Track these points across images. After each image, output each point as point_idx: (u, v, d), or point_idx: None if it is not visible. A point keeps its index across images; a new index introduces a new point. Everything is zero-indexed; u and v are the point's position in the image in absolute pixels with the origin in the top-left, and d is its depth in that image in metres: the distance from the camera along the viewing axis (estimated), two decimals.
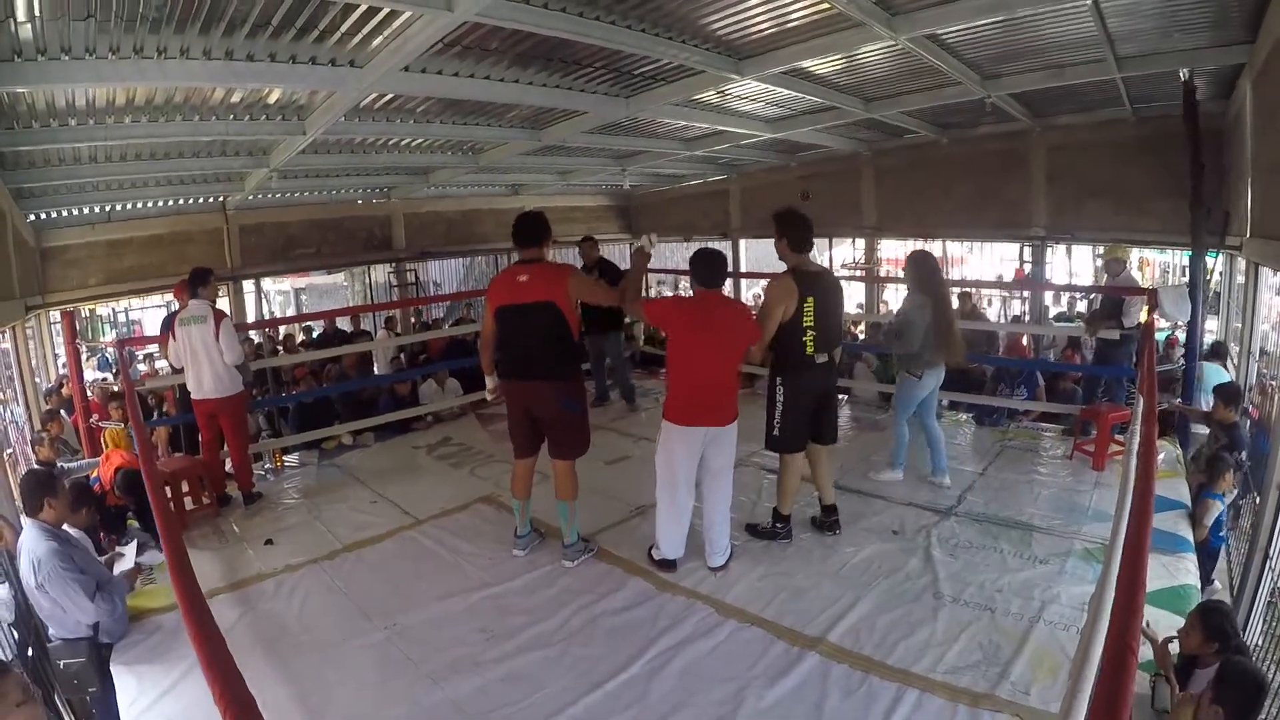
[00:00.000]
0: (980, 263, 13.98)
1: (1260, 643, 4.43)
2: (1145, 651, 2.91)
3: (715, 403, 3.95)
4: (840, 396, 7.59)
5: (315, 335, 11.58)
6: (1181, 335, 7.51)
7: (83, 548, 3.69)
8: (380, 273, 14.36)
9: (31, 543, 3.47)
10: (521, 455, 4.37)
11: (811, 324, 4.21)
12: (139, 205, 9.81)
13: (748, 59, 6.08)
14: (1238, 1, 5.21)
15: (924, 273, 5.13)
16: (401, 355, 10.14)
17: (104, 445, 6.17)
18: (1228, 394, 5.43)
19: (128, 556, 4.09)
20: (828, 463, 4.66)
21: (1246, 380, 6.78)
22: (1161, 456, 5.30)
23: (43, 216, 9.23)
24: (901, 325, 5.12)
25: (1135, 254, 13.58)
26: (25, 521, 3.73)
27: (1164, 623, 3.32)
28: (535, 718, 2.97)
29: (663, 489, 4.06)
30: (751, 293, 14.84)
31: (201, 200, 10.34)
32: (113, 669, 3.52)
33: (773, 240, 4.40)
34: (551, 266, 4.22)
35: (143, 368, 10.13)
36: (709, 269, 4.03)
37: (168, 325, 5.83)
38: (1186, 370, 6.23)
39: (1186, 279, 7.70)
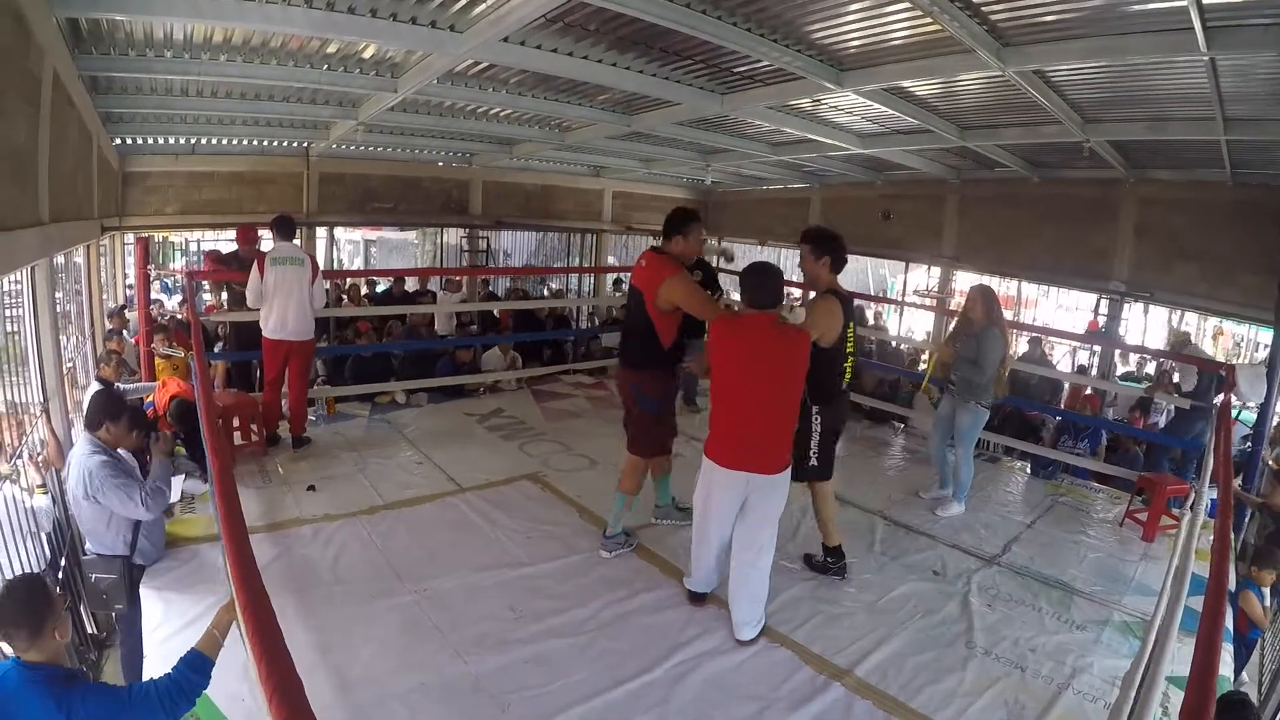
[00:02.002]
0: (1050, 308, 13.65)
1: None
2: None
3: (763, 445, 3.44)
4: (898, 424, 7.54)
5: (380, 290, 11.71)
6: (1249, 416, 7.24)
7: (130, 467, 3.79)
8: (452, 235, 14.44)
9: (84, 456, 3.57)
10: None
11: (851, 351, 4.15)
12: (224, 142, 10.01)
13: (849, 70, 5.98)
14: None
15: (995, 306, 5.18)
16: (466, 320, 10.15)
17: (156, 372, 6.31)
18: None
19: (175, 488, 4.18)
20: (833, 500, 4.44)
21: None
22: (1212, 538, 5.13)
23: (129, 142, 9.45)
24: (981, 355, 5.06)
25: (1211, 323, 13.22)
26: (80, 436, 3.84)
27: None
28: (553, 705, 2.97)
29: (697, 527, 3.70)
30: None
31: (286, 144, 10.51)
32: (142, 591, 3.61)
33: (802, 258, 4.30)
34: (658, 260, 4.10)
35: (208, 298, 10.33)
36: (763, 288, 3.45)
37: (236, 262, 5.90)
38: (1252, 453, 6.02)
39: (1264, 358, 7.44)
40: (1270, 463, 6.53)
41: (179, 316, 9.62)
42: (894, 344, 11.02)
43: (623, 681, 3.14)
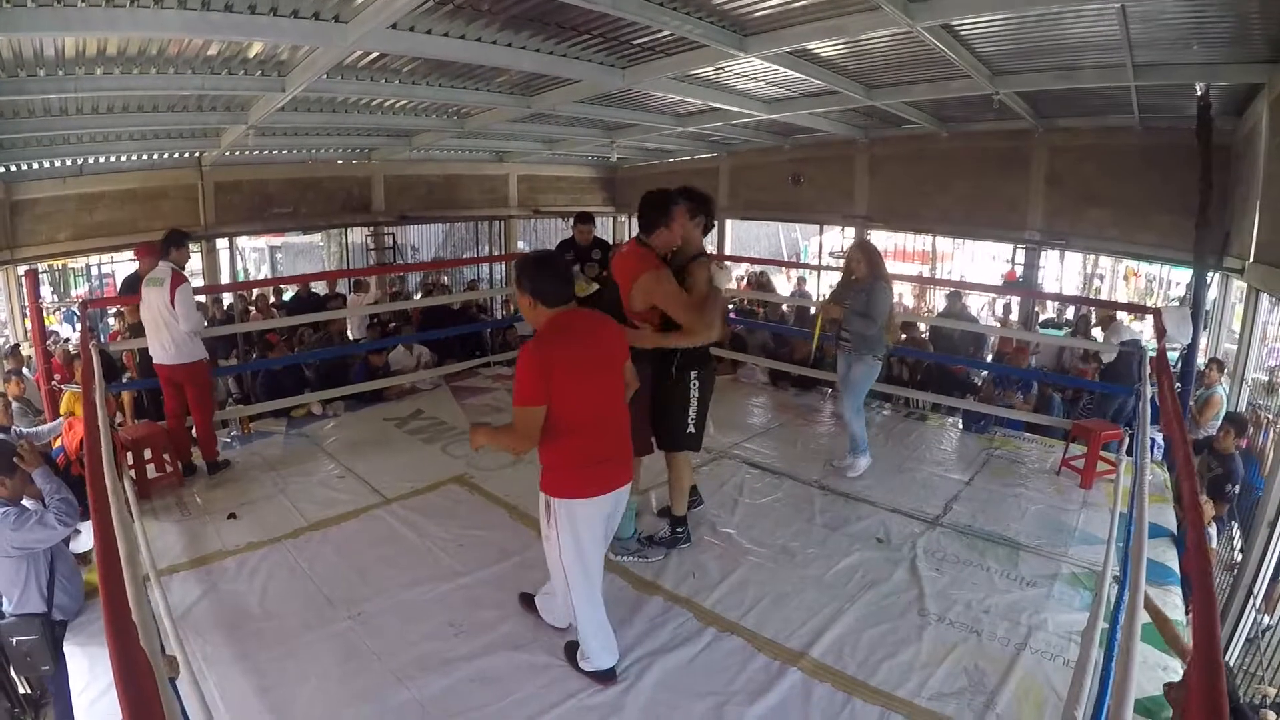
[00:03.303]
0: (966, 261, 13.89)
1: (1238, 681, 4.39)
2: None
3: (623, 450, 3.02)
4: (826, 389, 7.54)
5: (288, 298, 11.28)
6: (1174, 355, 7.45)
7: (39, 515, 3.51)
8: (357, 234, 14.08)
9: None
10: None
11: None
12: (112, 159, 9.56)
13: (753, 35, 5.91)
14: (1262, 20, 5.11)
15: (878, 260, 5.14)
16: (377, 321, 9.85)
17: (60, 409, 5.91)
18: (1239, 424, 5.38)
19: (84, 535, 3.89)
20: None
21: (1239, 407, 6.73)
22: (1149, 480, 5.24)
23: (13, 169, 8.94)
24: (871, 308, 5.00)
25: (1123, 264, 13.64)
26: None
27: (1150, 659, 3.24)
28: None
29: (578, 588, 2.97)
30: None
31: (177, 155, 10.10)
32: (66, 649, 3.36)
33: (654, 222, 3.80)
34: (637, 254, 3.77)
35: (113, 324, 9.79)
36: (561, 278, 2.84)
37: (133, 286, 5.60)
38: (1181, 393, 6.16)
39: (1182, 297, 7.66)
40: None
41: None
42: (784, 306, 10.71)
43: (574, 693, 3.01)
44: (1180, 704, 2.81)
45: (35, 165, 9.05)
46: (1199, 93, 6.51)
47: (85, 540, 3.91)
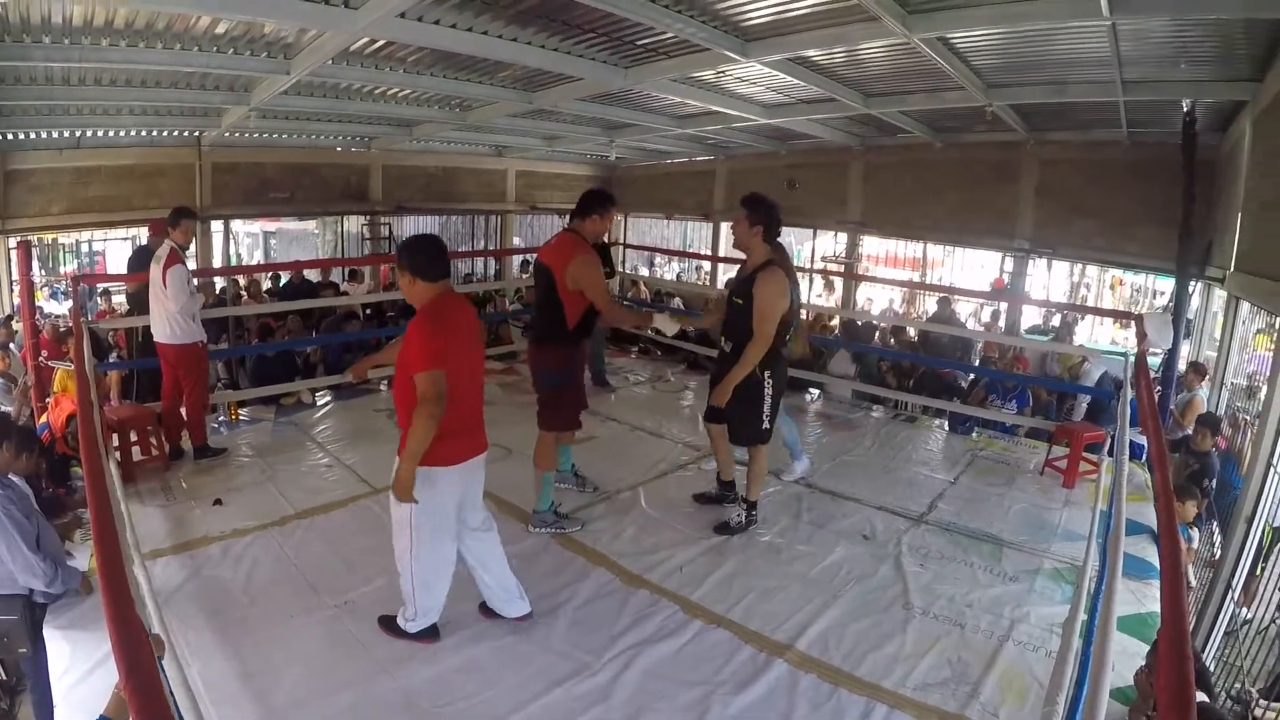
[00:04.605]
0: (956, 268, 13.97)
1: (1214, 669, 4.48)
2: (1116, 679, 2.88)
3: (481, 421, 3.28)
4: (814, 391, 7.61)
5: (281, 284, 11.22)
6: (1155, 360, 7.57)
7: (25, 495, 3.47)
8: (353, 223, 14.04)
9: None
10: None
11: (794, 321, 4.19)
12: (111, 133, 9.45)
13: (754, 41, 5.93)
14: (1246, 40, 5.21)
15: (789, 261, 4.89)
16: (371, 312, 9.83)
17: (51, 387, 5.87)
18: (1213, 423, 5.48)
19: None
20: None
21: (1218, 409, 6.85)
22: (1131, 480, 5.33)
23: (9, 137, 8.84)
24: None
25: (1109, 274, 13.79)
26: None
27: (1130, 649, 3.31)
28: (489, 715, 2.84)
29: (421, 551, 3.06)
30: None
31: (176, 133, 9.97)
32: (45, 632, 3.31)
33: (735, 225, 4.19)
34: (570, 240, 4.17)
35: (101, 303, 9.70)
36: (442, 259, 3.05)
37: (144, 261, 5.57)
38: (1162, 397, 6.26)
39: (1165, 304, 7.77)
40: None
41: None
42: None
43: (560, 682, 3.03)
44: (1145, 686, 2.89)
45: (32, 135, 8.93)
46: (1185, 109, 6.62)
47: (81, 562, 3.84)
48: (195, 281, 5.27)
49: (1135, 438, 5.14)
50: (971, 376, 8.06)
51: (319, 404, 6.65)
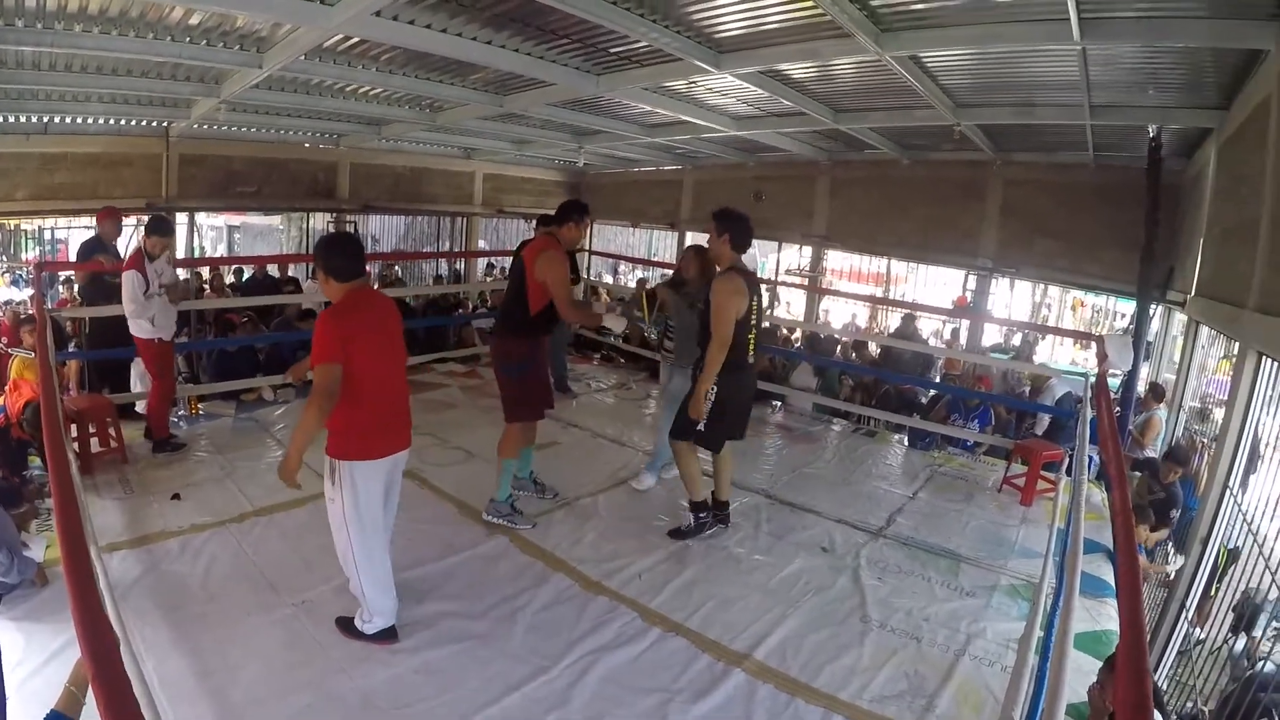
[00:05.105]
0: (919, 285, 14.16)
1: (1166, 688, 4.57)
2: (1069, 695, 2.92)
3: (405, 419, 3.32)
4: (775, 403, 7.65)
5: (244, 279, 11.06)
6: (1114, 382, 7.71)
7: None
8: (319, 220, 13.87)
9: None
10: None
11: (754, 325, 4.20)
12: (78, 120, 9.26)
13: (728, 53, 5.98)
14: (1214, 68, 5.33)
15: (712, 269, 4.77)
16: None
17: (9, 373, 5.75)
18: (1179, 458, 5.61)
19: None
20: (731, 460, 4.65)
21: (1175, 432, 7.00)
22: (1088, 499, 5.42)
23: None
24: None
25: (1070, 294, 14.04)
26: None
27: (1084, 666, 3.34)
28: (450, 717, 2.83)
29: (362, 548, 3.14)
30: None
31: (144, 123, 9.80)
32: None
33: (709, 239, 4.31)
34: (542, 239, 4.40)
35: (62, 291, 9.51)
36: (359, 257, 3.17)
37: (91, 251, 5.47)
38: (1121, 418, 6.38)
39: (1125, 326, 7.91)
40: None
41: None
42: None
43: (518, 686, 3.02)
44: (1099, 702, 2.94)
45: None
46: (1151, 134, 6.77)
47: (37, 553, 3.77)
48: (158, 284, 5.14)
49: (1094, 455, 5.24)
50: (932, 393, 8.15)
51: (278, 400, 6.58)
